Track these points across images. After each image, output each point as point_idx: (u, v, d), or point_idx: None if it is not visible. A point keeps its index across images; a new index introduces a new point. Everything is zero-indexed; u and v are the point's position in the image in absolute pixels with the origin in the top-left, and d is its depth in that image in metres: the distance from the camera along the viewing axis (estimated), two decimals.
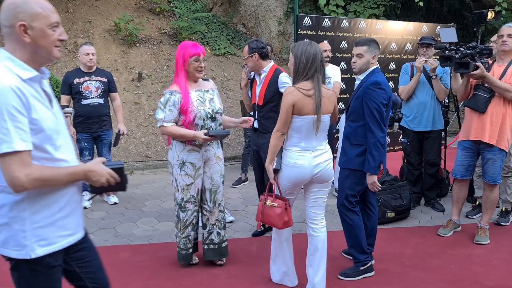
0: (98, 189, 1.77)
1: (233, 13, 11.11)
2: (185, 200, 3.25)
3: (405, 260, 3.53)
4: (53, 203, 1.66)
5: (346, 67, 6.12)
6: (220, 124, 3.29)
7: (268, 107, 3.71)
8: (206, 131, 3.11)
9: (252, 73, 3.97)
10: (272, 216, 2.82)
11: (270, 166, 2.84)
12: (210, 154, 3.29)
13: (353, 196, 3.16)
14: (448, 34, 4.10)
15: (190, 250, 3.36)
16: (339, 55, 6.09)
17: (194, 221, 3.32)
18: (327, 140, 2.91)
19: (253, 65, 3.76)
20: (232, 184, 5.70)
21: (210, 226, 3.36)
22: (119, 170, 1.76)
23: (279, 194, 2.88)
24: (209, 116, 3.19)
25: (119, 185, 1.78)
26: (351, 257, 3.49)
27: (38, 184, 1.56)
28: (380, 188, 3.11)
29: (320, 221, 2.95)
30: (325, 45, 5.25)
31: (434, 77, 4.35)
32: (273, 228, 3.03)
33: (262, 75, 3.76)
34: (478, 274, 3.30)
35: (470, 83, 3.78)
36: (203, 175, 3.29)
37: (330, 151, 2.93)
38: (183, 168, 3.21)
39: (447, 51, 3.74)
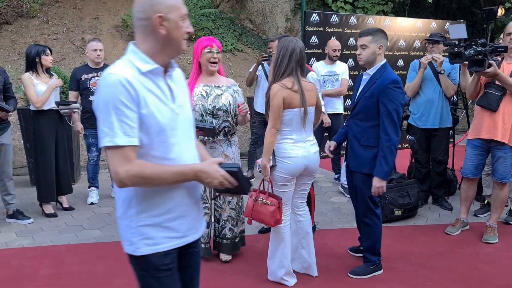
0: (218, 190, 1.66)
1: (240, 9, 11.08)
2: None
3: (412, 258, 3.50)
4: (161, 204, 1.59)
5: (354, 64, 6.08)
6: (224, 121, 3.24)
7: None
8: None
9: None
10: (264, 214, 2.84)
11: (268, 164, 2.84)
12: (217, 153, 3.27)
13: (377, 195, 3.09)
14: (458, 30, 4.05)
15: (202, 245, 3.35)
16: (347, 52, 6.06)
17: (206, 218, 3.32)
18: (312, 132, 3.01)
19: None
20: None
21: (223, 221, 3.39)
22: (235, 173, 1.59)
23: (271, 192, 2.91)
24: (208, 112, 3.17)
25: (238, 189, 1.63)
26: (357, 255, 3.47)
27: (138, 181, 1.50)
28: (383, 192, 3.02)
29: (304, 207, 3.13)
30: (335, 43, 5.18)
31: (442, 71, 4.29)
32: (271, 231, 3.04)
33: None
34: (486, 273, 3.27)
35: (480, 81, 3.74)
36: None
37: (316, 142, 3.03)
38: None
39: (456, 48, 3.69)
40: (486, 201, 4.55)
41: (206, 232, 3.36)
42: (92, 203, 4.85)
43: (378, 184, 2.92)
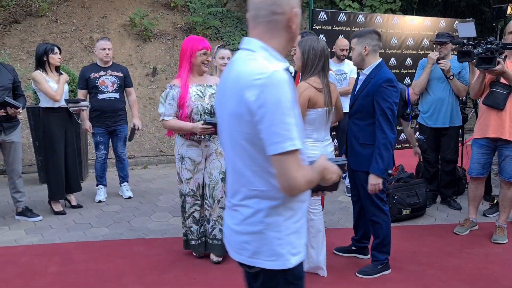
0: (316, 187, 1.59)
1: (247, 8, 11.07)
2: (185, 192, 3.34)
3: (421, 258, 3.49)
4: (299, 207, 1.52)
5: None
6: None
7: None
8: (202, 121, 3.14)
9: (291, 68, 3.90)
10: None
11: None
12: (211, 150, 3.32)
13: (382, 192, 3.10)
14: (467, 29, 4.02)
15: (193, 242, 3.41)
16: None
17: (195, 215, 3.37)
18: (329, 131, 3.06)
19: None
20: None
21: (213, 221, 3.37)
22: (343, 166, 1.59)
23: None
24: (207, 111, 3.20)
25: (335, 184, 1.60)
26: (345, 255, 3.51)
27: (309, 187, 1.44)
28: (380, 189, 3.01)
29: (318, 206, 3.14)
30: (344, 42, 5.14)
31: (451, 77, 4.29)
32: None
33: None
34: (495, 274, 3.25)
35: (484, 80, 3.71)
36: (203, 170, 3.33)
37: (332, 142, 3.07)
38: (183, 163, 3.28)
39: (465, 47, 3.66)
40: (495, 201, 4.51)
41: (196, 229, 3.39)
42: (100, 201, 4.88)
43: (374, 181, 2.94)
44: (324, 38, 5.87)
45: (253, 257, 1.47)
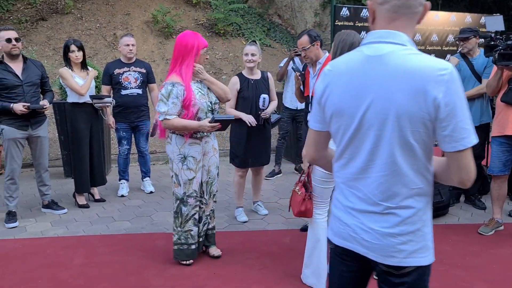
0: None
1: (269, 4, 11.05)
2: (187, 194, 3.19)
3: (443, 258, 3.43)
4: None
5: None
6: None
7: None
8: (209, 119, 3.10)
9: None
10: (294, 202, 2.93)
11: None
12: (209, 147, 3.28)
13: None
14: (494, 22, 3.93)
15: (193, 246, 3.28)
16: None
17: (196, 216, 3.27)
18: None
19: (315, 55, 3.57)
20: (266, 176, 5.70)
21: (205, 217, 3.36)
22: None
23: (308, 184, 2.91)
24: (209, 108, 3.18)
25: None
26: None
27: None
28: None
29: None
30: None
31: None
32: (308, 227, 3.03)
33: (318, 67, 3.62)
34: None
35: (502, 77, 3.63)
36: (202, 168, 3.25)
37: None
38: (184, 163, 3.14)
39: (492, 41, 3.58)
40: None
41: (195, 231, 3.30)
42: (122, 196, 4.97)
43: None
44: None
45: (409, 257, 1.45)
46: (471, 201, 4.59)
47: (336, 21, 5.94)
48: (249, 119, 3.95)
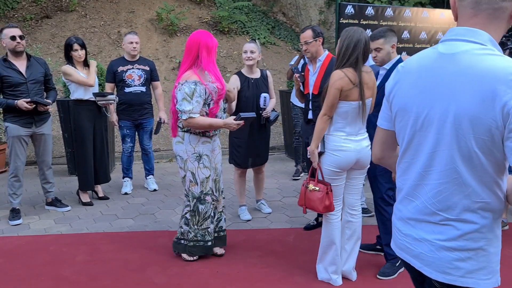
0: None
1: (273, 2, 11.01)
2: (204, 192, 3.21)
3: None
4: None
5: None
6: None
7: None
8: (233, 117, 3.12)
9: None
10: (313, 200, 2.85)
11: (316, 150, 2.84)
12: (216, 144, 3.33)
13: (392, 190, 3.09)
14: None
15: (209, 243, 3.31)
16: None
17: (212, 213, 3.30)
18: (365, 126, 2.94)
19: (316, 50, 3.60)
20: (293, 177, 5.64)
21: (219, 213, 3.41)
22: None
23: (321, 179, 2.88)
24: (224, 107, 3.27)
25: None
26: (369, 252, 3.48)
27: None
28: None
29: (359, 207, 3.04)
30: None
31: None
32: (322, 226, 3.02)
33: (318, 64, 3.63)
34: None
35: None
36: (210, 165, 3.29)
37: (368, 136, 2.93)
38: (200, 161, 3.16)
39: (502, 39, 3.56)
40: None
41: (212, 228, 3.31)
42: (126, 193, 4.97)
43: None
44: None
45: (466, 276, 1.31)
46: None
47: (341, 19, 5.90)
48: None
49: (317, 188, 2.84)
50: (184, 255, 3.34)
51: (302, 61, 5.17)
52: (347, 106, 2.75)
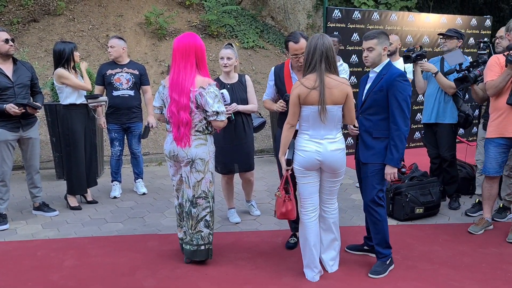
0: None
1: (262, 6, 11.07)
2: (212, 191, 3.26)
3: (433, 257, 3.46)
4: None
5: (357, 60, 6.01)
6: None
7: None
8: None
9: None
10: (276, 205, 3.05)
11: (282, 157, 3.00)
12: (213, 147, 3.32)
13: (382, 191, 3.15)
14: (454, 57, 4.22)
15: (202, 247, 3.30)
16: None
17: None
18: (340, 131, 3.00)
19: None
20: None
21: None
22: None
23: (288, 186, 3.02)
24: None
25: None
26: (356, 253, 3.53)
27: None
28: (395, 179, 3.12)
29: (331, 204, 3.15)
30: (395, 37, 4.93)
31: (433, 75, 4.38)
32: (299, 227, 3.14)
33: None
34: (510, 274, 3.20)
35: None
36: None
37: (341, 140, 3.00)
38: (212, 160, 3.25)
39: (462, 72, 4.07)
40: (477, 200, 4.49)
41: (207, 232, 3.25)
42: (115, 197, 4.96)
43: (390, 170, 3.07)
44: None
45: None
46: (453, 199, 4.63)
47: (328, 23, 5.97)
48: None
49: (279, 194, 3.01)
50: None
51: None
52: (307, 110, 2.88)
